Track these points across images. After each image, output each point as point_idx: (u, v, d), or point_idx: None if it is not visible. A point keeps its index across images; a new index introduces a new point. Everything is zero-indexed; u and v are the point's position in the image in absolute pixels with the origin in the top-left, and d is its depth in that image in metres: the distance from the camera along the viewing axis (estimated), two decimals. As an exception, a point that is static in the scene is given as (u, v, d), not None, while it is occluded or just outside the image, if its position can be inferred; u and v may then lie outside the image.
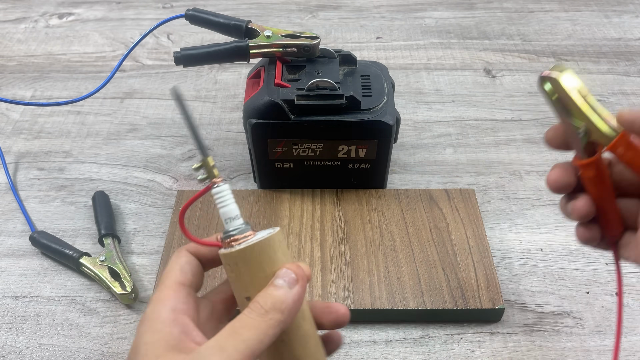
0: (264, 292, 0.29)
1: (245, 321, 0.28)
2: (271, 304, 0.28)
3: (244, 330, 0.27)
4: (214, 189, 0.31)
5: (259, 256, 0.29)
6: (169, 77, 0.72)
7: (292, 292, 0.29)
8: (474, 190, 0.54)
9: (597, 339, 0.45)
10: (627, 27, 0.80)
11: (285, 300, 0.28)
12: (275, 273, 0.29)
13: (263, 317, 0.28)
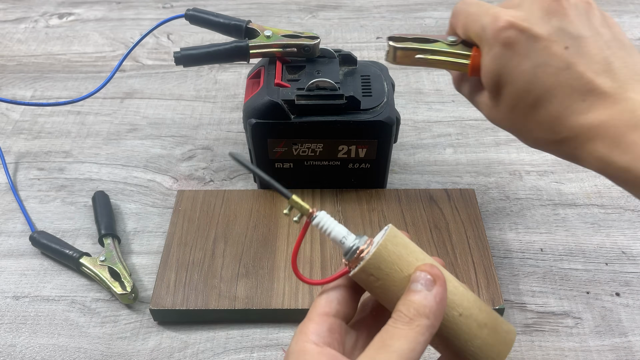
0: (403, 299, 0.28)
1: (392, 332, 0.27)
2: (414, 310, 0.27)
3: (392, 341, 0.27)
4: (313, 221, 0.31)
5: (393, 253, 0.29)
6: (169, 77, 0.72)
7: (432, 294, 0.28)
8: (474, 190, 0.54)
9: (597, 339, 0.45)
10: (627, 27, 0.80)
11: (427, 304, 0.28)
12: (411, 277, 0.29)
13: (409, 325, 0.27)
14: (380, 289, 0.29)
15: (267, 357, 0.44)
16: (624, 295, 0.48)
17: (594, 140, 0.31)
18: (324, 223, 0.31)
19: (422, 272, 0.29)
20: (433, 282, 0.28)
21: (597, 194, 0.56)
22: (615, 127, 0.30)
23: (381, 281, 0.29)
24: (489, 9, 0.34)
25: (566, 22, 0.32)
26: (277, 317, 0.46)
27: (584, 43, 0.32)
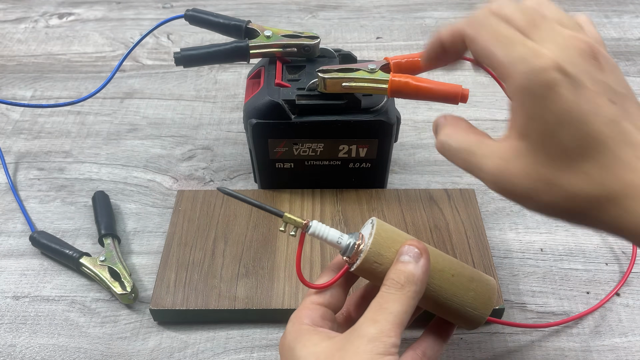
0: (394, 268, 0.33)
1: (387, 297, 0.32)
2: (405, 278, 0.32)
3: (388, 305, 0.31)
4: (308, 231, 0.35)
5: (387, 238, 0.34)
6: (169, 77, 0.72)
7: (419, 265, 0.33)
8: (474, 190, 0.54)
9: (597, 339, 0.45)
10: (627, 27, 0.80)
11: (415, 273, 0.32)
12: (399, 250, 0.33)
13: (401, 291, 0.32)
14: (383, 272, 0.33)
15: (267, 357, 0.44)
16: (624, 295, 0.48)
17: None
18: (319, 230, 0.35)
19: (410, 247, 0.33)
20: (420, 255, 0.33)
21: (597, 194, 0.56)
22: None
23: (383, 265, 0.33)
24: (524, 41, 0.30)
25: (603, 74, 0.31)
26: (277, 317, 0.46)
27: (624, 100, 0.31)
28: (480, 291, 0.35)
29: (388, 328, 0.30)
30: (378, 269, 0.33)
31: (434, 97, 0.44)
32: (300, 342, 0.32)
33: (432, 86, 0.44)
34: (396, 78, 0.45)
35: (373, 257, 0.33)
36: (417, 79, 0.45)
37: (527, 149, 0.30)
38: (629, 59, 0.74)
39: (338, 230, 0.36)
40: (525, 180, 0.30)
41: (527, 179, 0.30)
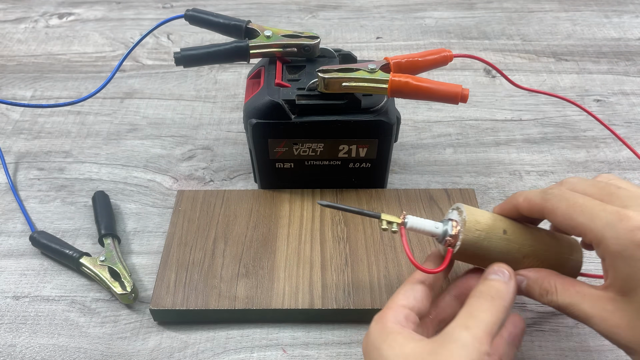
0: (484, 282, 0.34)
1: (477, 305, 0.32)
2: (496, 292, 0.33)
3: (479, 313, 0.32)
4: (406, 227, 0.37)
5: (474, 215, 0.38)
6: (169, 77, 0.72)
7: (510, 284, 0.34)
8: (474, 190, 0.54)
9: (597, 339, 0.45)
10: (627, 27, 0.80)
11: (504, 290, 0.33)
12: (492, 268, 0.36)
13: (491, 302, 0.32)
14: (485, 248, 0.37)
15: (267, 357, 0.44)
16: (624, 295, 0.48)
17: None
18: (416, 225, 0.38)
19: (501, 267, 0.35)
20: (510, 277, 0.35)
21: (597, 194, 0.56)
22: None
23: (485, 244, 0.37)
24: (605, 206, 0.32)
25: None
26: (277, 317, 0.46)
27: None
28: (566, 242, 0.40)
29: (480, 335, 0.30)
30: (482, 242, 0.37)
31: (434, 97, 0.45)
32: (386, 342, 0.32)
33: (432, 86, 0.44)
34: (396, 78, 0.45)
35: (473, 241, 0.37)
36: (417, 79, 0.45)
37: (628, 305, 0.32)
38: (629, 59, 0.74)
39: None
40: (629, 334, 0.32)
41: (630, 333, 0.32)
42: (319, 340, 0.45)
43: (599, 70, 0.72)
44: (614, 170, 0.59)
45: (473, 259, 0.38)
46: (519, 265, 0.38)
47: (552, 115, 0.66)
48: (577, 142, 0.62)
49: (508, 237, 0.38)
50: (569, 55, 0.75)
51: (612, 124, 0.64)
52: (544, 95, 0.68)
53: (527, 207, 0.37)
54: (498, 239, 0.37)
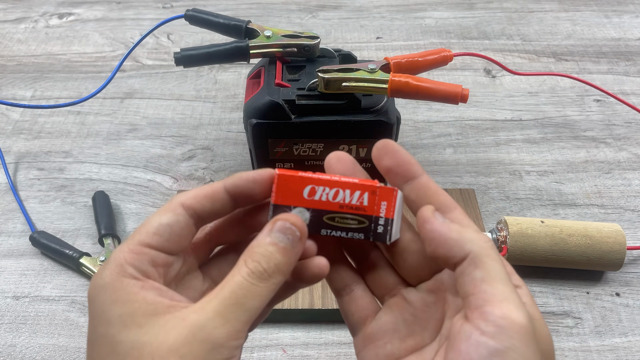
0: (264, 249, 0.26)
1: (247, 289, 0.25)
2: (275, 267, 0.26)
3: (247, 300, 0.25)
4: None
5: (511, 218, 0.49)
6: (169, 77, 0.72)
7: (294, 251, 0.26)
8: (474, 190, 0.54)
9: (597, 339, 0.45)
10: (627, 27, 0.80)
11: (287, 262, 0.26)
12: (276, 224, 0.26)
13: (266, 282, 0.25)
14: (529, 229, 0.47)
15: (267, 357, 0.44)
16: (624, 295, 0.48)
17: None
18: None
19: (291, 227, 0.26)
20: (299, 240, 0.26)
21: (597, 194, 0.56)
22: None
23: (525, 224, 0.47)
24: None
25: None
26: (277, 317, 0.46)
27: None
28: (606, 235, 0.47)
29: (238, 329, 0.24)
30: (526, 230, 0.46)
31: (434, 97, 0.45)
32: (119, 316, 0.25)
33: (432, 86, 0.44)
34: (396, 78, 0.45)
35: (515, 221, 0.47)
36: (417, 79, 0.45)
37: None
38: (629, 59, 0.74)
39: None
40: None
41: None
42: (319, 340, 0.45)
43: (599, 70, 0.72)
44: (614, 170, 0.59)
45: (525, 250, 0.46)
46: (567, 245, 0.46)
47: (552, 115, 0.66)
48: (577, 142, 0.62)
49: (546, 224, 0.47)
50: (569, 55, 0.75)
51: (612, 124, 0.64)
52: (544, 95, 0.68)
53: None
54: (539, 227, 0.46)
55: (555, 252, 0.46)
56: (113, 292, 0.25)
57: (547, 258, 0.46)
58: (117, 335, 0.24)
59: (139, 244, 0.26)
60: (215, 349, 0.24)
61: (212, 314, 0.24)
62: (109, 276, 0.25)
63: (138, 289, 0.25)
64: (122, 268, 0.25)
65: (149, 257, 0.26)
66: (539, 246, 0.46)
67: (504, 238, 0.46)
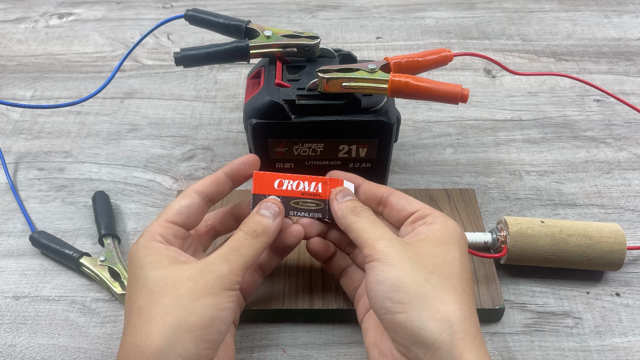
0: (253, 218, 0.38)
1: (242, 241, 0.36)
2: (261, 229, 0.37)
3: (242, 248, 0.35)
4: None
5: (511, 218, 0.48)
6: (169, 77, 0.72)
7: (275, 222, 0.38)
8: (474, 190, 0.54)
9: (597, 339, 0.45)
10: (627, 27, 0.80)
11: (270, 227, 0.37)
12: (262, 204, 0.39)
13: (255, 239, 0.36)
14: (529, 229, 0.46)
15: (267, 357, 0.44)
16: (624, 295, 0.48)
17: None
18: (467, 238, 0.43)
19: (273, 204, 0.39)
20: (278, 214, 0.39)
21: (597, 194, 0.56)
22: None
23: (525, 224, 0.47)
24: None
25: None
26: (277, 317, 0.46)
27: None
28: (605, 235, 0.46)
29: (237, 268, 0.34)
30: (526, 230, 0.46)
31: (434, 97, 0.45)
32: (150, 262, 0.34)
33: (432, 86, 0.44)
34: (396, 78, 0.45)
35: (515, 221, 0.46)
36: (417, 79, 0.45)
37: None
38: (629, 59, 0.74)
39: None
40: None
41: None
42: (319, 340, 0.45)
43: (599, 70, 0.72)
44: (614, 170, 0.59)
45: (525, 250, 0.46)
46: (567, 245, 0.45)
47: (552, 115, 0.66)
48: (577, 142, 0.62)
49: (546, 224, 0.46)
50: (569, 55, 0.75)
51: (612, 124, 0.64)
52: (544, 95, 0.68)
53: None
54: (539, 227, 0.46)
55: (555, 252, 0.46)
56: (146, 249, 0.35)
57: (547, 258, 0.46)
58: (148, 274, 0.34)
59: (165, 220, 0.37)
60: (219, 278, 0.33)
61: (216, 256, 0.35)
62: (143, 241, 0.36)
63: (164, 249, 0.35)
64: (152, 236, 0.36)
65: (173, 231, 0.37)
66: (539, 246, 0.46)
67: (504, 238, 0.46)
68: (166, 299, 0.32)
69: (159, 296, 0.33)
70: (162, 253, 0.35)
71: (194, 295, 0.32)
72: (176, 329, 0.31)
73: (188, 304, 0.32)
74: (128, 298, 0.35)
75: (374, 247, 0.36)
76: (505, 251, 0.46)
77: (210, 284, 0.33)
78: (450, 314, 0.32)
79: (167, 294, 0.33)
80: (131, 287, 0.35)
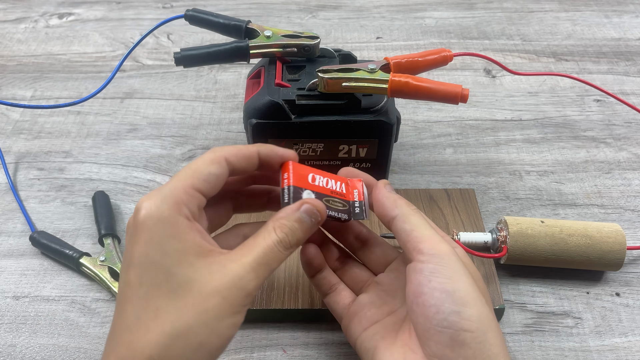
0: (292, 224, 0.32)
1: (276, 254, 0.32)
2: (296, 241, 0.33)
3: (272, 262, 0.31)
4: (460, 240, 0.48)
5: (511, 218, 0.48)
6: (169, 77, 0.72)
7: (312, 230, 0.33)
8: (474, 190, 0.54)
9: (597, 339, 0.45)
10: (627, 27, 0.80)
11: (304, 238, 0.33)
12: (304, 205, 0.33)
13: (287, 251, 0.32)
14: (529, 229, 0.46)
15: (267, 357, 0.44)
16: (624, 295, 0.48)
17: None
18: (467, 238, 0.47)
19: (316, 211, 0.33)
20: (319, 223, 0.34)
21: (597, 194, 0.56)
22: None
23: (525, 224, 0.47)
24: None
25: None
26: (277, 317, 0.46)
27: None
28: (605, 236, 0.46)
29: (262, 283, 0.31)
30: (526, 231, 0.46)
31: (434, 97, 0.45)
32: (176, 251, 0.29)
33: (432, 86, 0.44)
34: (396, 78, 0.45)
35: (515, 221, 0.47)
36: (417, 79, 0.45)
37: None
38: (629, 59, 0.74)
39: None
40: None
41: None
42: (319, 340, 0.45)
43: (599, 70, 0.72)
44: (614, 170, 0.59)
45: (525, 250, 0.46)
46: (567, 245, 0.46)
47: (552, 115, 0.66)
48: (577, 142, 0.62)
49: (546, 224, 0.46)
50: (569, 55, 0.75)
51: (612, 124, 0.64)
52: (544, 95, 0.68)
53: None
54: (539, 227, 0.46)
55: (555, 252, 0.46)
56: (170, 227, 0.29)
57: (547, 258, 0.46)
58: (171, 267, 0.29)
59: (192, 187, 0.31)
60: (247, 296, 0.30)
61: (248, 268, 0.30)
62: (168, 211, 0.29)
63: (189, 230, 0.30)
64: (179, 207, 0.30)
65: (199, 201, 0.31)
66: (539, 246, 0.46)
67: (504, 238, 0.46)
68: (191, 312, 0.28)
69: (182, 304, 0.29)
70: (189, 238, 0.30)
71: (221, 314, 0.29)
72: (198, 349, 0.28)
73: (214, 325, 0.29)
74: (139, 285, 0.29)
75: (438, 248, 0.32)
76: (505, 251, 0.46)
77: (238, 303, 0.30)
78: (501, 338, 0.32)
79: (191, 307, 0.29)
80: (144, 270, 0.29)
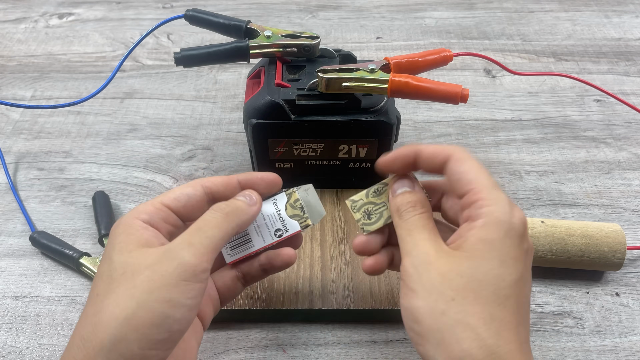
0: (227, 202, 0.34)
1: (209, 220, 0.32)
2: (232, 209, 0.33)
3: (207, 229, 0.31)
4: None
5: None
6: (169, 77, 0.72)
7: (252, 208, 0.35)
8: (474, 190, 0.54)
9: (597, 339, 0.45)
10: (627, 27, 0.80)
11: (243, 209, 0.34)
12: (242, 191, 0.36)
13: (224, 218, 0.32)
14: (529, 230, 0.43)
15: (267, 357, 0.44)
16: (624, 295, 0.48)
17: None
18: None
19: (251, 194, 0.35)
20: (255, 203, 0.35)
21: (597, 194, 0.56)
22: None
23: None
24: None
25: None
26: (277, 317, 0.46)
27: None
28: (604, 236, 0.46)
29: (201, 253, 0.30)
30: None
31: (434, 97, 0.45)
32: (118, 244, 0.31)
33: (432, 86, 0.44)
34: (396, 78, 0.45)
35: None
36: (417, 79, 0.45)
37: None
38: (629, 59, 0.74)
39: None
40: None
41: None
42: (319, 340, 0.45)
43: (599, 70, 0.72)
44: (614, 170, 0.59)
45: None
46: (567, 245, 0.46)
47: (552, 115, 0.66)
48: (577, 142, 0.62)
49: (546, 224, 0.46)
50: (569, 55, 0.75)
51: (612, 124, 0.64)
52: (544, 95, 0.68)
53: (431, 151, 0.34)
54: (539, 227, 0.46)
55: (555, 252, 0.46)
56: (122, 227, 0.32)
57: (547, 258, 0.46)
58: (113, 257, 0.31)
59: (159, 202, 0.33)
60: (180, 266, 0.29)
61: (179, 239, 0.31)
62: (127, 217, 0.32)
63: (141, 229, 0.32)
64: (138, 213, 0.32)
65: (164, 214, 0.33)
66: (539, 246, 0.46)
67: None
68: (121, 289, 0.29)
69: (115, 285, 0.29)
70: (134, 234, 0.31)
71: (148, 286, 0.28)
72: (123, 324, 0.28)
73: (140, 297, 0.28)
74: (93, 282, 0.31)
75: (403, 263, 0.32)
76: None
77: (169, 273, 0.29)
78: (465, 354, 0.28)
79: (123, 284, 0.29)
80: (98, 269, 0.31)
